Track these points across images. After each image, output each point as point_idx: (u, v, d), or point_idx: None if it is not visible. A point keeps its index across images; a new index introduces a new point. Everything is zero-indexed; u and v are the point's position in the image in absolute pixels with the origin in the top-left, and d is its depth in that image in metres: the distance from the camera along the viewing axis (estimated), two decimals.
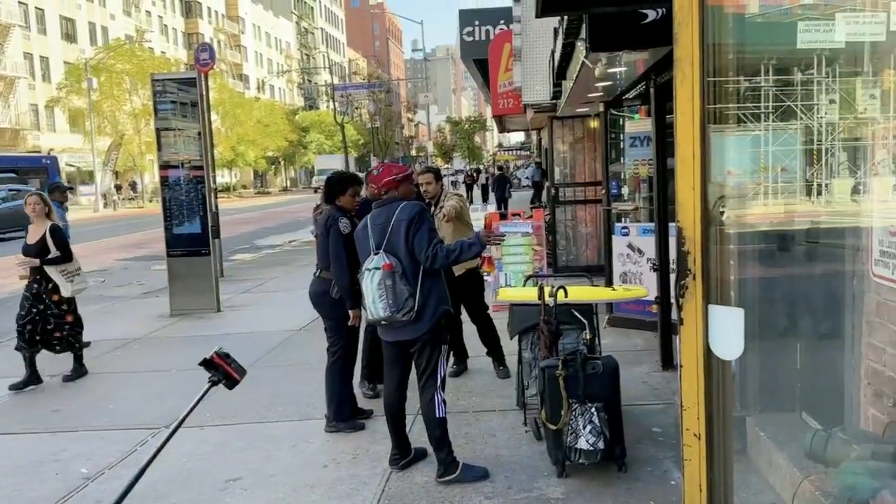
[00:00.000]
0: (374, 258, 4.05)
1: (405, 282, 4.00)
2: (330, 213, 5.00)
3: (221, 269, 12.79)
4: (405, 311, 4.00)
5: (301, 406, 5.74)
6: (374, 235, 4.14)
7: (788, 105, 3.57)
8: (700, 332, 2.24)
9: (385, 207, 4.18)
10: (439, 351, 4.15)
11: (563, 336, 4.87)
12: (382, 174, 4.22)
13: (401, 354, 4.27)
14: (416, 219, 4.04)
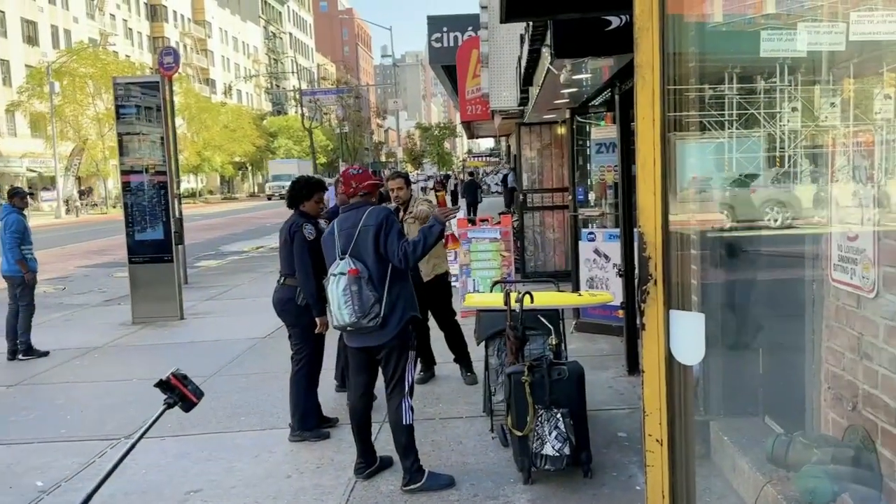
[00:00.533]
0: (340, 263, 4.03)
1: (371, 287, 3.98)
2: (294, 220, 4.94)
3: (185, 276, 12.61)
4: (371, 316, 3.98)
5: (265, 415, 5.67)
6: (341, 240, 4.11)
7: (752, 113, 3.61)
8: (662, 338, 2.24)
9: (352, 212, 4.17)
10: (407, 357, 4.13)
11: (530, 342, 4.87)
12: (362, 175, 4.23)
13: (367, 361, 4.24)
14: (385, 223, 4.04)
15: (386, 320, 4.02)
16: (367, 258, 4.03)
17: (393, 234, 4.02)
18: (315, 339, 4.99)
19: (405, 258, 3.98)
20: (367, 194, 4.22)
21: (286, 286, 4.97)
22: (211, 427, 5.43)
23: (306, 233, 4.84)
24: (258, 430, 5.32)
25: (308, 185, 5.00)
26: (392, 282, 4.05)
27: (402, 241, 4.00)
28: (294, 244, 4.87)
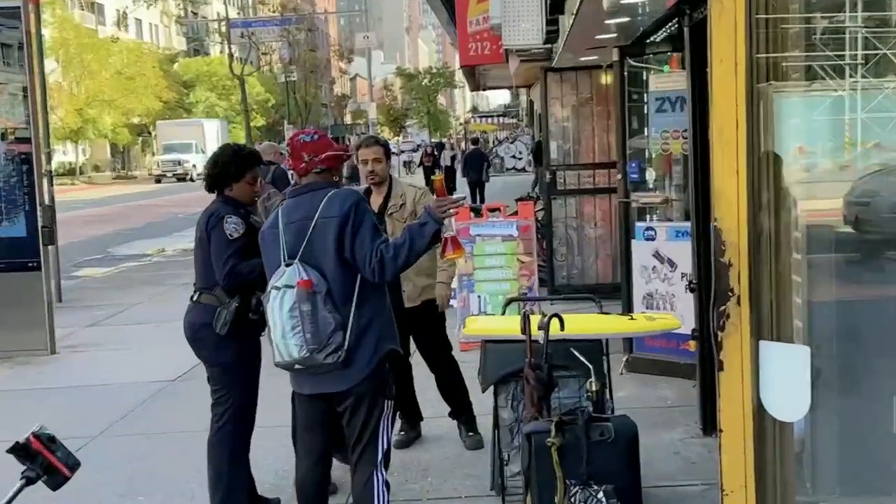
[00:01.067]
0: (286, 272, 4.04)
1: (331, 307, 3.99)
2: (214, 210, 4.95)
3: (59, 292, 12.60)
4: (330, 350, 3.99)
5: (173, 494, 5.68)
6: (288, 238, 4.12)
7: (885, 53, 3.62)
8: (747, 381, 2.25)
9: (305, 197, 4.17)
10: (381, 409, 4.15)
11: (559, 387, 4.88)
12: (319, 143, 4.23)
13: (324, 415, 4.26)
14: (353, 213, 4.04)
15: (351, 356, 4.03)
16: (326, 264, 4.04)
17: (364, 230, 4.03)
18: (245, 381, 5.00)
19: (381, 268, 3.98)
20: (325, 171, 4.22)
21: (201, 305, 4.97)
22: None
23: (229, 228, 4.84)
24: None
25: (237, 159, 5.01)
26: (362, 300, 4.06)
27: (377, 242, 4.01)
28: (211, 245, 4.87)
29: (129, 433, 6.99)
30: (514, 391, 5.10)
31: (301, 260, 4.05)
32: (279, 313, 4.02)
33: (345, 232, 4.01)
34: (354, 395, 4.11)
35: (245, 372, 5.00)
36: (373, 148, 5.92)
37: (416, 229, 4.06)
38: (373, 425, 4.15)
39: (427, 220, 4.05)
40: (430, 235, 4.03)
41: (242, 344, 4.93)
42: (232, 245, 4.84)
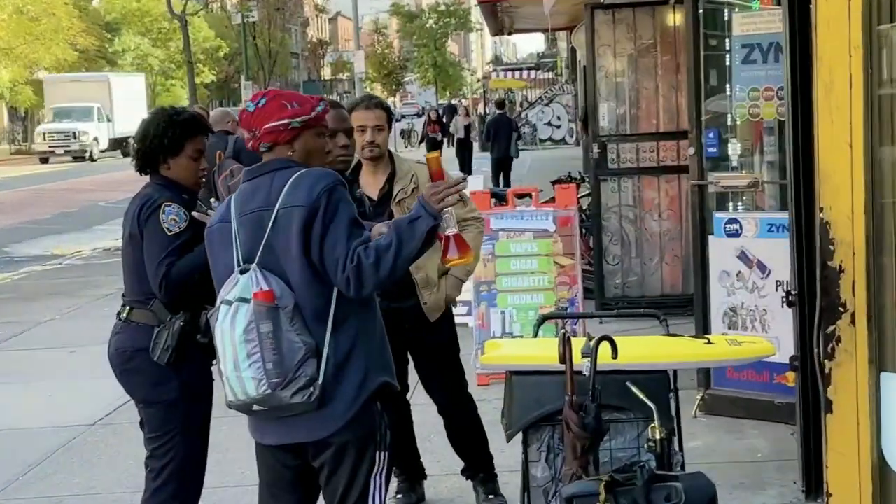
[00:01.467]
0: (240, 280, 4.03)
1: (300, 327, 3.98)
2: (147, 196, 4.96)
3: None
4: (300, 385, 3.97)
5: None
6: (242, 235, 4.12)
7: None
8: (864, 427, 2.24)
9: (263, 180, 4.16)
10: (370, 464, 4.15)
11: (611, 435, 4.86)
12: (265, 109, 4.18)
13: (294, 472, 4.26)
14: (325, 203, 4.02)
15: (329, 393, 4.02)
16: (292, 270, 4.04)
17: (338, 226, 3.99)
18: (192, 426, 5.01)
19: (358, 279, 3.93)
20: (276, 146, 4.20)
21: (133, 325, 4.99)
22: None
23: (167, 220, 4.85)
24: None
25: (172, 127, 5.02)
26: (343, 316, 4.05)
27: (354, 243, 3.98)
28: (144, 242, 4.88)
29: (31, 496, 6.96)
30: (550, 440, 5.05)
31: (260, 264, 4.04)
32: (230, 336, 4.00)
33: (312, 228, 3.98)
34: (334, 445, 4.10)
35: (192, 414, 4.99)
36: (374, 111, 5.94)
37: (404, 227, 4.00)
38: (360, 487, 4.14)
39: (419, 213, 4.00)
40: (425, 234, 3.98)
41: (189, 376, 4.94)
42: (171, 243, 4.83)
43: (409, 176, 6.00)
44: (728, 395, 7.61)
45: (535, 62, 68.23)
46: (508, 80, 57.31)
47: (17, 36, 55.79)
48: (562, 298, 8.87)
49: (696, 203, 7.86)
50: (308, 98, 4.31)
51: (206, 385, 5.00)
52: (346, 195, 4.09)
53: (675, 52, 10.90)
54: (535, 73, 59.80)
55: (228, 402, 4.11)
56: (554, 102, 43.21)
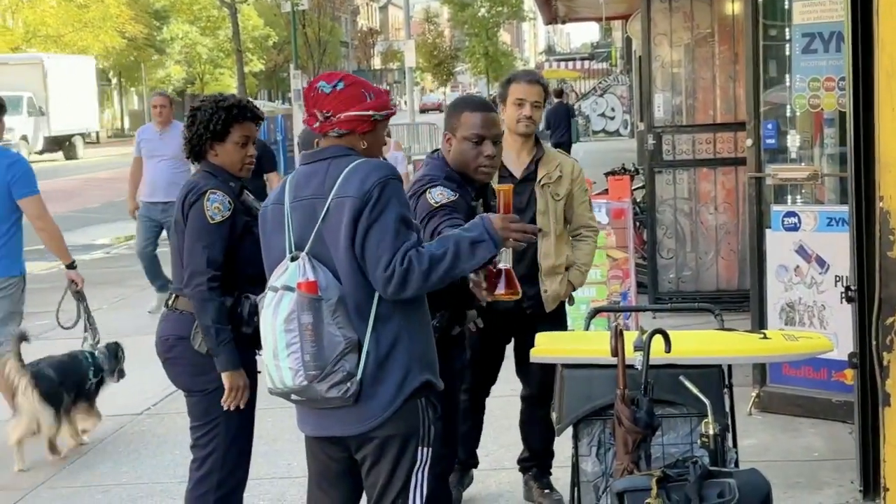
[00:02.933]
0: (289, 268, 4.04)
1: (342, 320, 3.97)
2: (193, 183, 4.99)
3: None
4: (336, 380, 3.97)
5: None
6: (295, 220, 4.13)
7: None
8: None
9: (319, 166, 4.15)
10: (412, 460, 4.14)
11: (663, 430, 4.85)
12: (345, 95, 4.14)
13: (339, 464, 4.27)
14: (376, 196, 3.99)
15: (368, 389, 4.02)
16: (339, 262, 4.03)
17: (386, 221, 3.95)
18: (234, 415, 5.05)
19: (404, 279, 3.89)
20: (349, 134, 4.18)
21: (177, 313, 5.02)
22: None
23: (210, 208, 4.87)
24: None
25: (218, 112, 5.03)
26: (387, 312, 4.04)
27: (405, 243, 3.95)
28: (186, 229, 4.92)
29: (79, 485, 7.02)
30: (601, 435, 5.06)
31: (310, 253, 4.05)
32: (271, 323, 4.01)
33: (360, 220, 3.95)
34: (376, 439, 4.09)
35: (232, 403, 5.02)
36: (535, 87, 6.02)
37: (465, 245, 3.94)
38: (400, 482, 4.13)
39: (483, 237, 3.96)
40: (482, 261, 3.97)
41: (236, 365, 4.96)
42: (212, 232, 4.86)
43: (554, 163, 6.05)
44: (784, 392, 7.58)
45: (589, 52, 67.97)
46: (561, 71, 57.20)
47: (65, 24, 56.27)
48: (614, 292, 8.86)
49: (753, 196, 7.81)
50: (378, 88, 4.28)
51: (250, 374, 5.00)
52: (400, 190, 4.06)
53: (732, 41, 10.84)
54: (588, 64, 59.63)
55: (269, 388, 4.14)
56: (608, 93, 43.03)
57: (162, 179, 11.90)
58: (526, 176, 5.95)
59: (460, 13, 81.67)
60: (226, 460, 5.04)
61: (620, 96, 41.04)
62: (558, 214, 6.00)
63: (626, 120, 39.78)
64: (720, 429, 4.71)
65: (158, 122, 12.23)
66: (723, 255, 11.11)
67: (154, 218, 12.06)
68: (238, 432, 5.06)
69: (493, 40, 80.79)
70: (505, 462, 6.53)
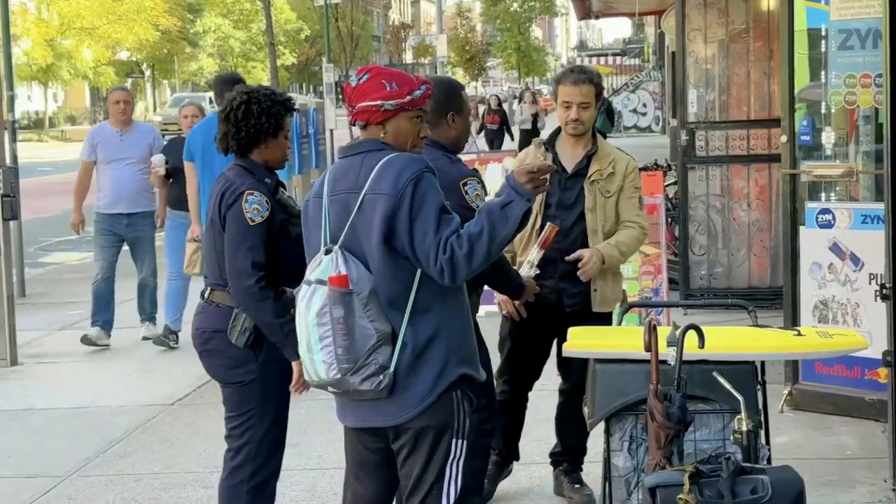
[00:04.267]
0: (323, 261, 4.06)
1: (374, 313, 4.00)
2: (230, 181, 4.97)
3: (21, 283, 12.82)
4: (369, 372, 4.00)
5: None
6: (332, 214, 4.16)
7: None
8: None
9: (354, 160, 4.18)
10: (446, 452, 4.16)
11: (695, 426, 4.85)
12: (364, 86, 4.18)
13: (377, 454, 4.30)
14: (411, 192, 4.00)
15: (404, 381, 4.05)
16: (372, 256, 4.05)
17: (427, 215, 3.98)
18: (270, 407, 5.06)
19: (452, 268, 3.93)
20: (369, 126, 4.19)
21: (213, 306, 5.04)
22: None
23: (249, 210, 4.85)
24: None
25: (276, 106, 5.01)
26: (424, 304, 4.07)
27: (445, 232, 3.96)
28: (226, 230, 4.91)
29: (112, 473, 7.06)
30: (633, 430, 5.06)
31: (343, 247, 4.07)
32: (305, 317, 4.06)
33: (397, 217, 3.98)
34: (412, 430, 4.12)
35: (269, 395, 5.03)
36: (581, 87, 5.91)
37: (496, 211, 3.97)
38: (434, 473, 4.15)
39: (511, 196, 3.98)
40: (518, 219, 3.97)
41: (267, 358, 4.97)
42: (254, 234, 4.85)
43: (608, 159, 6.02)
44: (817, 390, 7.56)
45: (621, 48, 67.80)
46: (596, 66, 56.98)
47: (100, 16, 56.46)
48: (646, 288, 8.82)
49: (787, 193, 7.79)
50: (410, 79, 4.25)
51: (285, 367, 5.00)
52: (434, 182, 4.07)
53: (767, 37, 10.81)
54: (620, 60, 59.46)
55: (306, 379, 4.22)
56: (640, 89, 42.84)
57: (126, 187, 10.17)
58: (577, 171, 5.95)
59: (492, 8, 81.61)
60: (259, 451, 5.05)
61: (652, 92, 40.82)
62: (608, 211, 5.96)
63: (658, 116, 39.60)
64: (753, 425, 4.70)
65: (120, 120, 10.34)
66: (755, 252, 11.09)
67: (118, 233, 10.31)
68: (272, 423, 5.08)
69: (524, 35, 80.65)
70: (535, 457, 6.53)
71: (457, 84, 5.66)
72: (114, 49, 60.95)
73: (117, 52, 62.32)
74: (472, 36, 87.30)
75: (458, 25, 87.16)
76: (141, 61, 68.06)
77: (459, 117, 5.36)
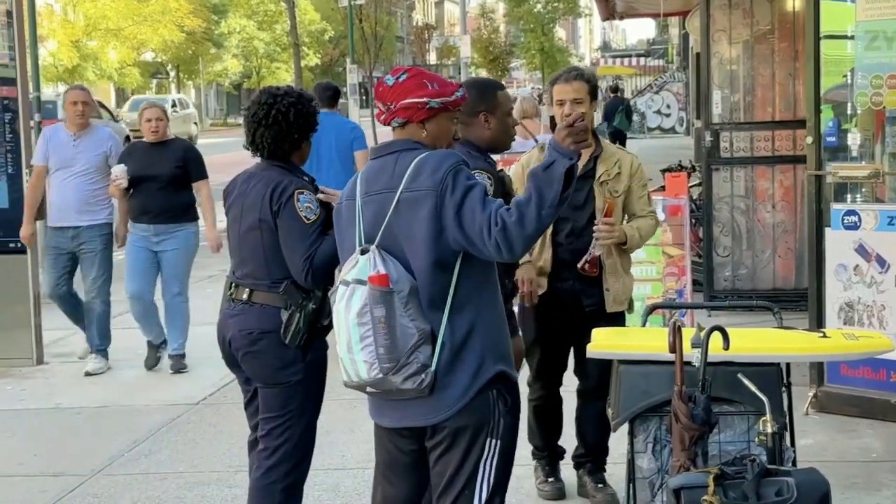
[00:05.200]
0: (360, 261, 4.06)
1: (414, 312, 4.00)
2: (277, 181, 5.00)
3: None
4: (411, 371, 4.00)
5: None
6: (367, 214, 4.16)
7: None
8: None
9: (387, 160, 4.18)
10: (481, 450, 4.16)
11: (720, 427, 4.84)
12: (405, 85, 4.18)
13: (410, 456, 4.31)
14: (451, 182, 4.00)
15: (442, 380, 4.05)
16: (413, 254, 4.04)
17: (472, 199, 3.97)
18: (311, 408, 5.11)
19: (506, 239, 3.89)
20: (407, 124, 4.21)
21: (257, 307, 5.05)
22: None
23: (302, 209, 4.89)
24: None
25: (313, 107, 5.09)
26: (462, 302, 4.07)
27: (492, 207, 3.95)
28: (282, 231, 4.94)
29: (136, 472, 7.10)
30: (658, 431, 5.05)
31: (379, 245, 4.07)
32: (345, 317, 4.05)
33: (443, 210, 3.97)
34: (448, 428, 4.12)
35: (310, 395, 5.10)
36: (572, 84, 5.88)
37: (541, 175, 3.93)
38: (468, 472, 4.15)
39: (554, 157, 3.93)
40: (563, 176, 3.90)
41: (313, 357, 5.04)
42: (311, 231, 4.91)
43: (613, 159, 6.04)
44: (842, 392, 7.54)
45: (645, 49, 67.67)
46: (617, 68, 57.00)
47: (125, 17, 56.58)
48: (670, 289, 8.82)
49: (812, 194, 7.77)
50: (449, 82, 4.30)
51: (325, 367, 5.09)
52: (470, 173, 4.10)
53: (792, 38, 10.78)
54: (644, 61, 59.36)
55: (344, 381, 4.18)
56: (664, 90, 42.75)
57: (75, 198, 9.28)
58: (584, 173, 5.90)
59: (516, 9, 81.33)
60: (295, 451, 5.11)
61: (676, 93, 40.77)
62: (618, 211, 5.97)
63: (682, 117, 39.56)
64: (778, 427, 4.69)
65: (77, 123, 9.37)
66: (780, 254, 11.06)
67: (63, 248, 9.43)
68: (308, 424, 5.14)
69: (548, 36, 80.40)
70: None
71: (492, 84, 5.67)
72: (139, 50, 61.03)
73: (142, 53, 62.39)
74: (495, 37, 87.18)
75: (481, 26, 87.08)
76: (166, 62, 68.14)
77: (493, 117, 5.37)
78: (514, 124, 5.66)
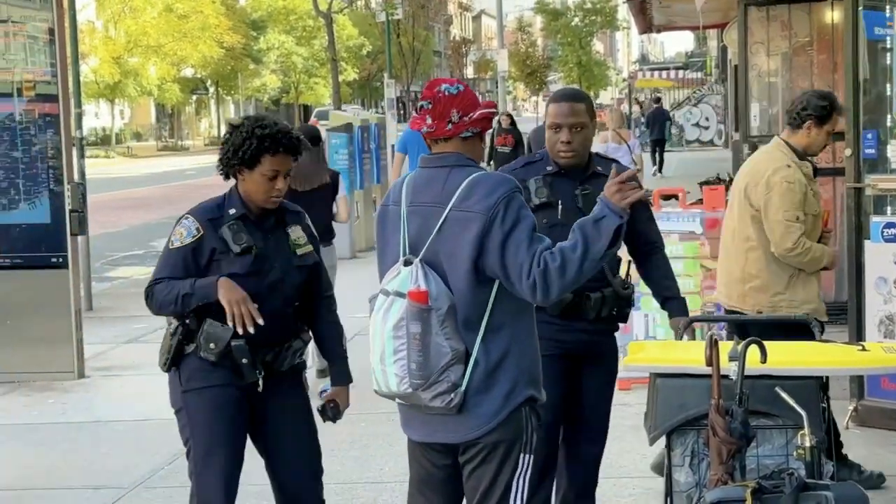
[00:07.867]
0: (402, 273, 4.07)
1: (450, 331, 4.00)
2: (198, 205, 5.10)
3: (89, 297, 12.95)
4: (440, 390, 4.01)
5: None
6: (412, 225, 4.16)
7: None
8: None
9: (438, 173, 4.17)
10: (514, 465, 4.15)
11: (758, 441, 4.82)
12: (471, 96, 4.18)
13: (443, 471, 4.30)
14: (503, 210, 3.99)
15: (474, 398, 4.05)
16: (454, 273, 4.04)
17: (520, 232, 3.96)
18: (198, 447, 5.20)
19: (545, 283, 3.90)
20: (476, 136, 4.21)
21: None
22: None
23: (174, 232, 5.01)
24: None
25: (253, 139, 4.80)
26: (497, 324, 4.07)
27: (538, 247, 3.95)
28: None
29: (176, 485, 7.05)
30: (695, 445, 5.04)
31: (423, 260, 4.07)
32: (381, 328, 4.06)
33: (489, 235, 3.97)
34: (482, 444, 4.12)
35: (196, 431, 5.14)
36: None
37: (590, 227, 3.94)
38: (501, 487, 4.15)
39: (604, 212, 3.96)
40: (612, 233, 3.94)
41: (191, 388, 5.10)
42: (168, 257, 5.01)
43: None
44: (882, 406, 7.49)
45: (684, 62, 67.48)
46: (655, 80, 56.76)
47: (165, 34, 57.05)
48: (708, 303, 8.75)
49: (852, 206, 7.73)
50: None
51: (213, 405, 5.10)
52: (524, 202, 4.10)
53: (831, 50, 10.72)
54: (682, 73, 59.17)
55: (374, 389, 4.19)
56: (702, 103, 42.64)
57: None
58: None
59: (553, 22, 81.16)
60: (195, 472, 5.31)
61: (715, 106, 40.68)
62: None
63: (721, 130, 39.48)
64: (817, 441, 4.66)
65: None
66: None
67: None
68: (200, 443, 5.24)
69: (586, 49, 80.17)
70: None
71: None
72: (179, 66, 61.49)
73: (182, 69, 62.86)
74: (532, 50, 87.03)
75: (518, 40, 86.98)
76: (205, 78, 68.55)
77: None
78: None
